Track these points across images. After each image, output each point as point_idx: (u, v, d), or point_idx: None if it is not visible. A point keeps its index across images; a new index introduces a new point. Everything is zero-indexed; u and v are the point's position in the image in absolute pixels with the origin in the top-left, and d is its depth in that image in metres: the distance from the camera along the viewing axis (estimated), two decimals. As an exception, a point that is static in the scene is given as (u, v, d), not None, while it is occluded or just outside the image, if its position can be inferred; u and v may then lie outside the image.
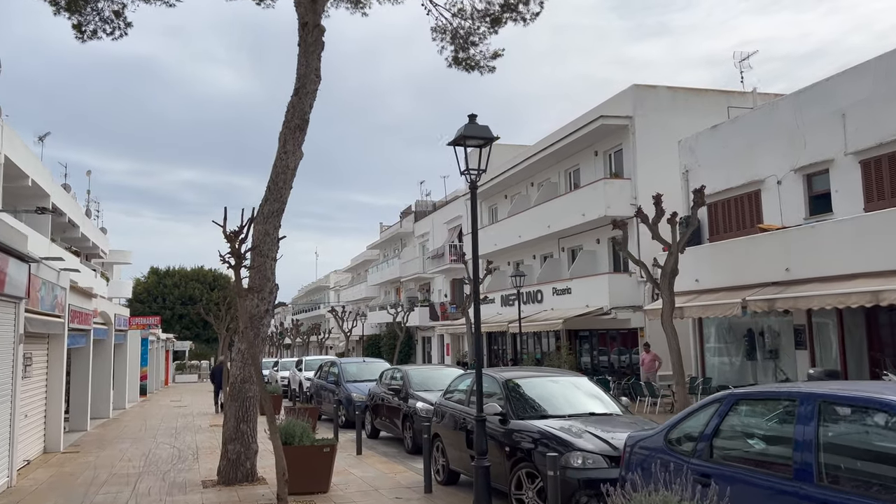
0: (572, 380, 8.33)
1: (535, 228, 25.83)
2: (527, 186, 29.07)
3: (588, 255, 23.86)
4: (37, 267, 10.80)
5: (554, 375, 8.42)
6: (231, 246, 7.63)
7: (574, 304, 22.57)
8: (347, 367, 17.85)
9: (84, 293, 15.52)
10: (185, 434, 15.79)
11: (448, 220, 38.59)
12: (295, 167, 10.16)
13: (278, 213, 9.96)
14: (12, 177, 23.03)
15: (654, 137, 21.72)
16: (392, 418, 13.00)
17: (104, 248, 39.96)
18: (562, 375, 8.56)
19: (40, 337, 12.37)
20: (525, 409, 7.54)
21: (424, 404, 11.69)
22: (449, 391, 9.51)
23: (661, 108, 22.02)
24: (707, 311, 16.20)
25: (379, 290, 53.15)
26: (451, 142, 7.41)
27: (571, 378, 8.42)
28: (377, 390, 14.15)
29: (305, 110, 10.19)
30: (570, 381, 8.24)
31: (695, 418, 4.78)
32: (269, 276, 9.75)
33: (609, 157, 23.53)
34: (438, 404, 9.49)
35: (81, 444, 14.49)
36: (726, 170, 17.72)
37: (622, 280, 21.40)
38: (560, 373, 8.85)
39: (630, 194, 21.62)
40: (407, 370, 13.18)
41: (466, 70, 13.75)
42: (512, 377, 8.08)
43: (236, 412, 9.59)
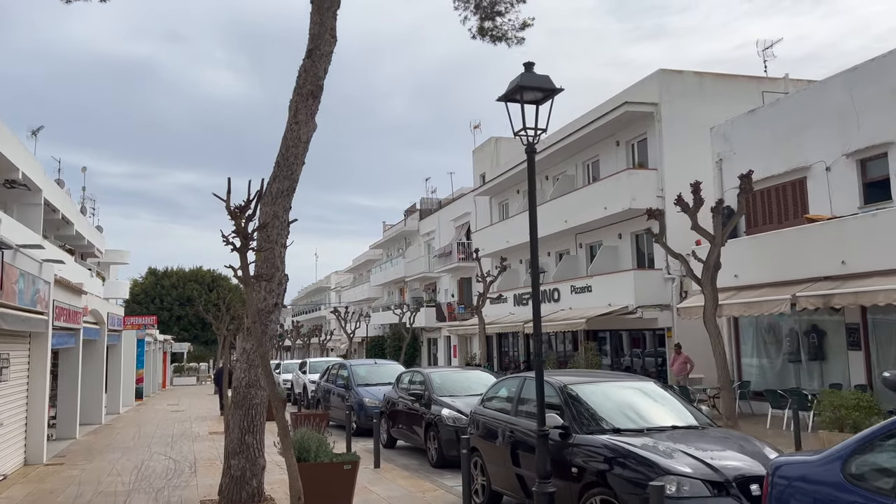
0: (639, 385, 7.02)
1: (551, 224, 24.51)
2: (541, 180, 27.74)
3: (609, 251, 22.57)
4: (12, 255, 9.50)
5: (618, 380, 7.12)
6: (236, 224, 6.33)
7: (595, 303, 21.27)
8: (358, 369, 16.54)
9: (72, 289, 14.21)
10: (181, 442, 14.48)
11: (455, 217, 37.31)
12: (307, 140, 8.87)
13: (289, 193, 8.66)
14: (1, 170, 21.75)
15: (682, 125, 20.45)
16: (412, 426, 11.69)
17: (100, 247, 38.62)
18: (626, 380, 7.25)
19: (19, 335, 11.06)
20: (592, 421, 6.24)
21: (451, 412, 10.39)
22: (487, 398, 8.20)
23: (689, 94, 20.76)
24: (750, 309, 14.91)
25: (382, 291, 51.84)
26: (504, 96, 6.11)
27: (638, 383, 7.11)
28: (394, 395, 12.84)
29: (319, 75, 8.89)
30: (638, 387, 6.93)
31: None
32: (279, 264, 8.45)
33: (632, 146, 22.25)
34: (475, 413, 8.19)
35: (68, 454, 13.17)
36: (766, 157, 16.44)
37: (648, 277, 20.11)
38: (622, 377, 7.55)
39: (656, 185, 20.35)
40: (428, 373, 11.87)
41: (493, 41, 12.45)
42: (570, 382, 6.77)
43: (241, 422, 8.27)
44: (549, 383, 6.71)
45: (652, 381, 7.27)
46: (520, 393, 7.30)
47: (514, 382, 7.64)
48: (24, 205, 25.03)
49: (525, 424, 6.92)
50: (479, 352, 33.59)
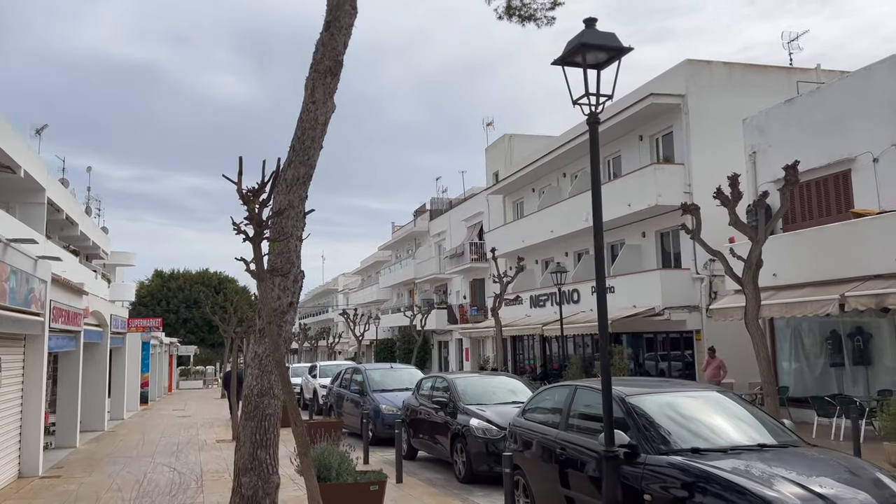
0: (708, 395, 6.11)
1: (570, 222, 23.64)
2: (558, 178, 26.88)
3: (632, 250, 21.65)
4: (2, 249, 8.68)
5: (683, 390, 6.21)
6: (249, 210, 5.47)
7: (618, 304, 20.33)
8: (373, 374, 15.67)
9: (72, 289, 13.41)
10: (187, 452, 13.64)
11: (467, 217, 36.43)
12: (325, 122, 8.01)
13: (305, 180, 7.79)
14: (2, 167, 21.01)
15: (710, 117, 19.54)
16: (436, 437, 10.80)
17: (105, 249, 37.92)
18: (692, 389, 6.34)
19: (12, 338, 10.25)
20: (663, 438, 5.33)
21: (480, 422, 9.49)
22: (529, 409, 7.31)
23: (717, 85, 19.83)
24: (793, 310, 13.96)
25: (391, 293, 51.01)
26: (561, 58, 5.24)
27: (705, 392, 6.20)
28: (414, 403, 11.95)
29: (338, 50, 8.02)
30: (709, 398, 6.02)
31: None
32: (294, 259, 7.60)
33: (656, 141, 21.34)
34: (515, 426, 7.29)
35: (66, 465, 12.33)
36: (805, 149, 15.48)
37: (675, 277, 19.18)
38: (685, 386, 6.64)
39: (683, 181, 19.43)
40: (453, 379, 10.97)
41: (521, 22, 11.56)
42: (632, 393, 5.86)
43: (252, 434, 7.38)
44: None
45: (726, 392, 6.35)
46: (570, 404, 6.41)
47: (563, 392, 6.74)
48: (26, 204, 24.30)
49: (578, 441, 6.04)
50: (492, 355, 32.74)
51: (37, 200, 24.67)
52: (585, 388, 6.39)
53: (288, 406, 5.78)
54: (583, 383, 6.58)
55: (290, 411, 5.68)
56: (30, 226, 21.40)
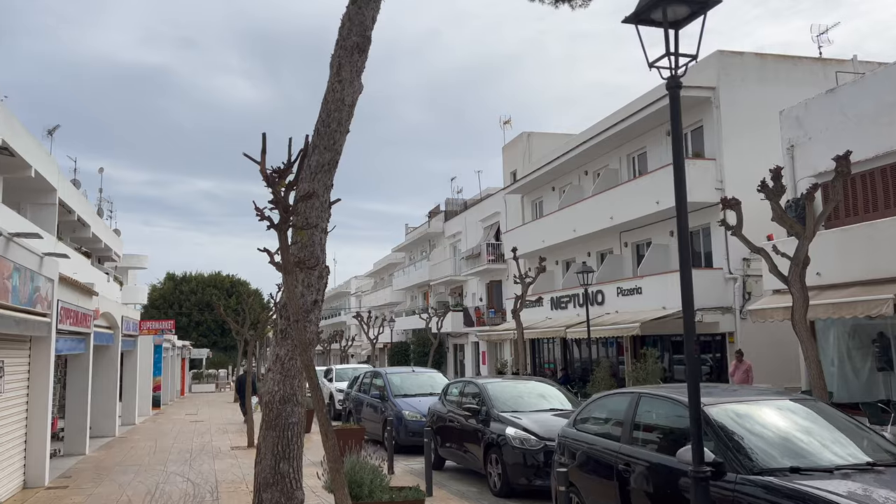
0: (804, 407, 5.34)
1: (594, 221, 22.87)
2: (579, 176, 26.12)
3: (660, 250, 20.84)
4: (3, 244, 8.07)
5: (767, 398, 5.45)
6: (274, 192, 4.81)
7: (646, 306, 19.57)
8: (393, 378, 14.97)
9: (81, 289, 12.82)
10: (201, 460, 13.00)
11: (483, 217, 35.70)
12: (352, 103, 7.33)
13: (330, 167, 7.13)
14: (12, 166, 20.54)
15: (742, 111, 18.75)
16: (466, 446, 10.08)
17: (118, 251, 37.53)
18: (776, 397, 5.58)
19: (16, 340, 9.64)
20: (754, 456, 4.59)
21: (517, 431, 8.76)
22: (580, 419, 6.58)
23: (749, 77, 19.04)
24: (841, 311, 13.12)
25: (405, 295, 50.36)
26: (634, 15, 4.54)
27: (801, 404, 5.42)
28: (440, 409, 11.24)
29: (366, 24, 7.36)
30: (805, 410, 5.25)
31: None
32: (319, 252, 6.93)
33: (685, 136, 20.52)
34: (566, 438, 6.57)
35: (74, 474, 11.72)
36: (848, 141, 14.63)
37: (707, 277, 18.36)
38: (765, 393, 5.88)
39: (715, 176, 18.64)
40: (484, 385, 10.25)
41: (554, 4, 10.87)
42: (711, 402, 5.12)
43: (274, 446, 6.71)
44: (681, 402, 5.08)
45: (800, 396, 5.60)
46: (633, 414, 5.68)
47: (623, 400, 6.00)
48: (37, 205, 23.85)
49: (645, 456, 5.31)
50: (510, 358, 31.97)
51: (48, 201, 24.22)
52: (652, 396, 5.66)
53: (317, 415, 5.10)
54: (648, 391, 5.85)
55: (321, 422, 5.00)
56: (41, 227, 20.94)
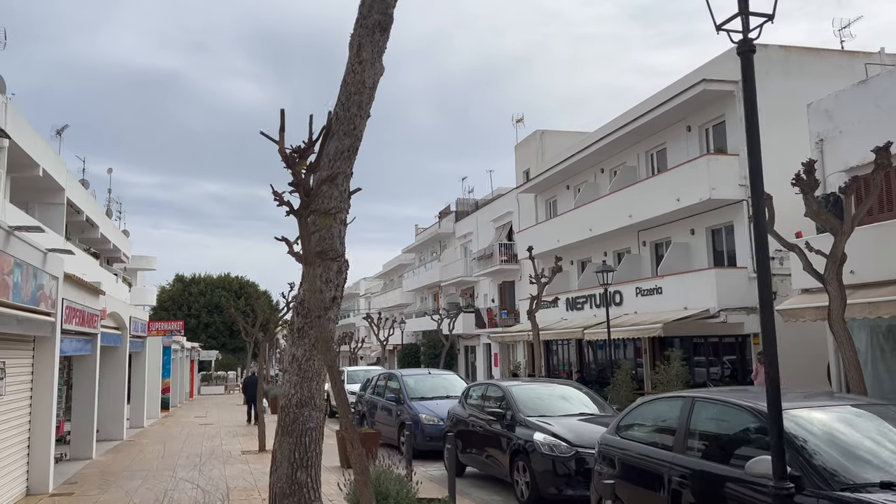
0: (876, 410, 4.81)
1: (612, 219, 22.32)
2: (595, 174, 25.56)
3: (680, 249, 20.26)
4: (3, 238, 7.64)
5: (839, 403, 4.92)
6: (294, 174, 4.33)
7: (666, 307, 18.99)
8: (409, 380, 14.49)
9: (88, 288, 12.40)
10: (211, 465, 12.54)
11: (495, 217, 35.17)
12: (373, 85, 6.86)
13: (350, 154, 6.65)
14: (20, 165, 20.21)
15: (767, 105, 18.08)
16: (489, 452, 9.57)
17: (126, 252, 37.27)
18: (849, 402, 5.05)
19: (19, 340, 9.22)
20: (836, 470, 4.06)
21: (546, 436, 8.25)
22: (624, 425, 6.06)
23: (774, 71, 18.45)
24: (878, 310, 12.53)
25: (414, 297, 49.89)
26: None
27: (868, 409, 4.89)
28: (462, 413, 10.73)
29: (388, 1, 6.88)
30: (874, 416, 4.73)
31: None
32: (338, 245, 6.45)
33: (706, 132, 19.97)
34: (608, 446, 6.05)
35: (80, 480, 11.28)
36: (883, 133, 14.02)
37: (732, 276, 17.77)
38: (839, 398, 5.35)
39: (738, 173, 18.05)
40: (509, 388, 9.73)
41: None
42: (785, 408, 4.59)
43: (291, 453, 6.24)
44: (746, 408, 4.56)
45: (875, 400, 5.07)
46: (688, 421, 5.16)
47: (674, 405, 5.49)
48: (45, 204, 23.55)
49: (704, 467, 4.79)
50: (524, 360, 31.40)
51: (56, 201, 23.91)
52: (709, 400, 5.14)
53: (342, 422, 4.61)
54: (703, 395, 5.33)
55: (347, 430, 4.50)
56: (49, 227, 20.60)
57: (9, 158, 18.99)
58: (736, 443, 4.72)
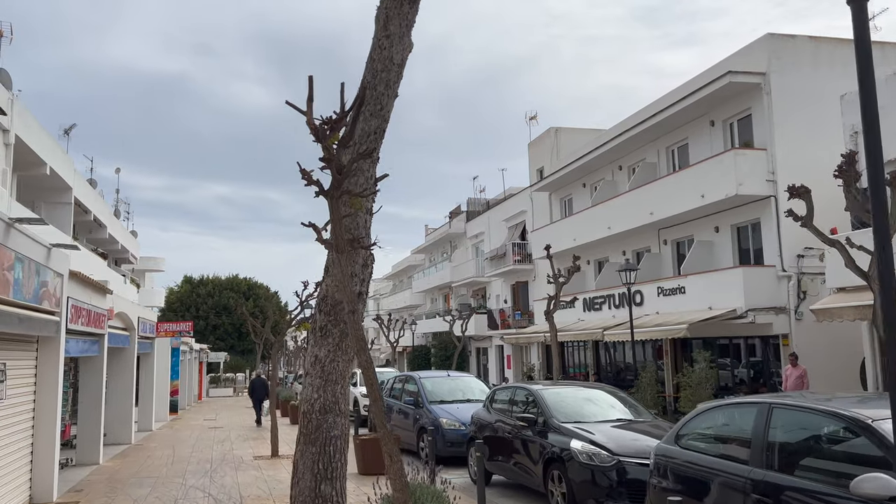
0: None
1: (631, 217, 21.71)
2: (613, 171, 24.96)
3: (704, 247, 19.62)
4: (3, 230, 7.13)
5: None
6: (324, 148, 3.79)
7: (690, 307, 18.36)
8: (427, 383, 13.94)
9: (94, 286, 11.91)
10: (223, 471, 12.01)
11: (508, 216, 34.59)
12: (402, 62, 6.30)
13: (377, 136, 6.10)
14: (27, 164, 19.77)
15: (795, 97, 17.53)
16: (520, 460, 8.99)
17: (135, 253, 36.89)
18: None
19: (21, 340, 8.72)
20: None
21: (585, 444, 7.66)
22: (683, 434, 5.48)
23: (802, 62, 17.82)
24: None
25: (424, 298, 49.36)
26: None
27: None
28: (487, 418, 10.16)
29: (417, -29, 6.33)
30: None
31: None
32: (364, 235, 5.90)
33: (731, 126, 19.33)
34: (665, 457, 5.47)
35: (86, 487, 10.77)
36: (923, 125, 13.42)
37: (759, 275, 17.13)
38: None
39: (766, 168, 17.42)
40: (540, 392, 9.14)
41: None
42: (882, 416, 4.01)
43: (314, 463, 5.70)
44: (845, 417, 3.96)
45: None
46: (766, 430, 4.57)
47: (748, 413, 4.90)
48: (52, 203, 23.14)
49: (791, 483, 4.21)
50: (538, 363, 30.79)
51: (63, 200, 23.49)
52: (791, 407, 4.56)
53: (379, 431, 4.04)
54: (783, 401, 4.74)
55: (384, 440, 3.94)
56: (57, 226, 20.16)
57: (15, 156, 18.57)
58: (830, 457, 4.14)
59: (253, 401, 23.28)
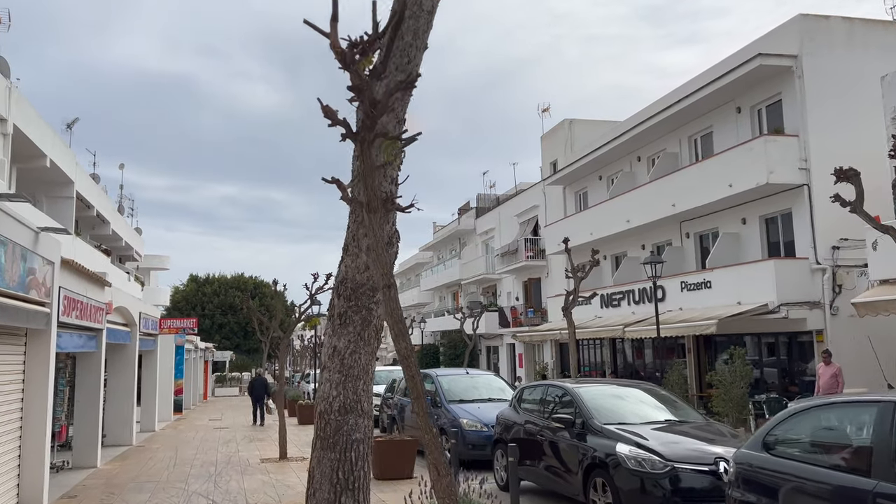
0: None
1: (652, 210, 20.84)
2: (631, 162, 24.09)
3: (730, 240, 18.74)
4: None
5: None
6: (353, 76, 2.98)
7: (716, 302, 17.50)
8: (444, 381, 13.14)
9: (91, 277, 11.14)
10: (228, 475, 11.23)
11: (519, 212, 33.74)
12: (432, 9, 5.46)
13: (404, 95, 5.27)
14: (26, 156, 19.04)
15: (828, 81, 16.66)
16: (553, 464, 8.16)
17: (139, 250, 36.22)
18: None
19: (7, 333, 7.94)
20: None
21: (634, 449, 6.83)
22: (772, 441, 4.64)
23: (836, 43, 16.94)
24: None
25: (432, 296, 48.56)
26: None
27: None
28: (514, 418, 9.33)
29: None
30: None
31: None
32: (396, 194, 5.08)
33: (759, 112, 18.44)
34: (751, 465, 4.65)
35: (81, 492, 10.00)
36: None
37: (792, 268, 16.26)
38: None
39: (798, 155, 16.54)
40: (577, 390, 8.29)
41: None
42: None
43: (332, 473, 4.89)
44: None
45: None
46: (892, 435, 3.74)
47: (860, 414, 4.09)
48: (53, 197, 22.46)
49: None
50: (552, 361, 29.95)
51: (64, 194, 22.78)
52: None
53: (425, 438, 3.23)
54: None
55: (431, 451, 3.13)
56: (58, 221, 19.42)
57: (13, 147, 17.85)
58: None
59: (252, 399, 22.91)
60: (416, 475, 10.62)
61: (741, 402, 13.23)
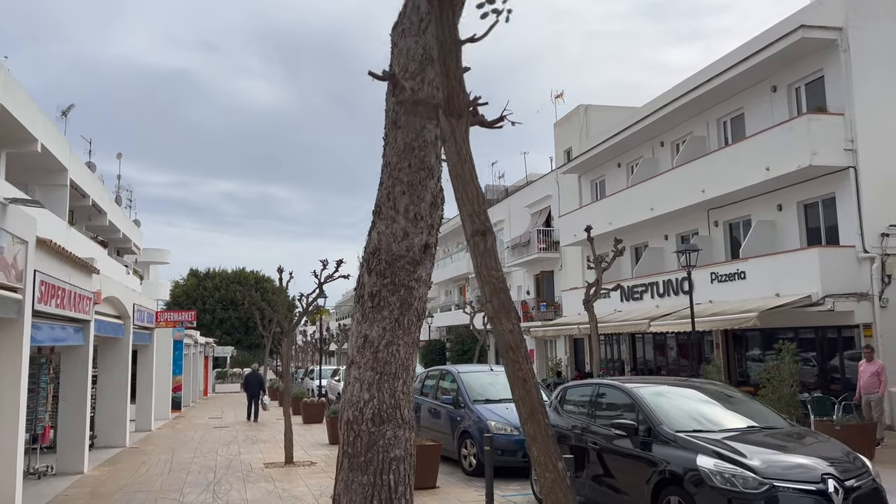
0: None
1: (678, 197, 19.65)
2: (653, 148, 22.87)
3: (765, 228, 17.53)
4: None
5: None
6: None
7: (752, 294, 16.32)
8: (467, 378, 11.95)
9: (74, 262, 9.95)
10: (228, 482, 10.06)
11: (531, 202, 32.54)
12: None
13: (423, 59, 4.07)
14: (15, 140, 17.88)
15: (876, 55, 15.45)
16: (613, 478, 6.97)
17: (137, 243, 35.09)
18: None
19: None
20: None
21: (720, 463, 5.64)
22: None
23: (884, 14, 15.72)
24: None
25: (438, 291, 47.37)
26: None
27: None
28: (556, 421, 8.11)
29: None
30: None
31: None
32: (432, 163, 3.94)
33: (796, 91, 17.22)
34: None
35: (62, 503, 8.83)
36: None
37: (836, 256, 15.06)
38: None
39: (843, 135, 15.33)
40: (637, 390, 7.07)
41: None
42: None
43: (365, 500, 3.71)
44: None
45: None
46: None
47: None
48: (47, 186, 21.32)
49: None
50: (566, 357, 28.80)
51: (58, 182, 21.67)
52: None
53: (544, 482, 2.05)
54: None
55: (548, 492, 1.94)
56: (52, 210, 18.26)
57: (2, 130, 16.72)
58: None
59: (247, 396, 22.55)
60: (439, 484, 9.47)
61: (791, 402, 12.05)
